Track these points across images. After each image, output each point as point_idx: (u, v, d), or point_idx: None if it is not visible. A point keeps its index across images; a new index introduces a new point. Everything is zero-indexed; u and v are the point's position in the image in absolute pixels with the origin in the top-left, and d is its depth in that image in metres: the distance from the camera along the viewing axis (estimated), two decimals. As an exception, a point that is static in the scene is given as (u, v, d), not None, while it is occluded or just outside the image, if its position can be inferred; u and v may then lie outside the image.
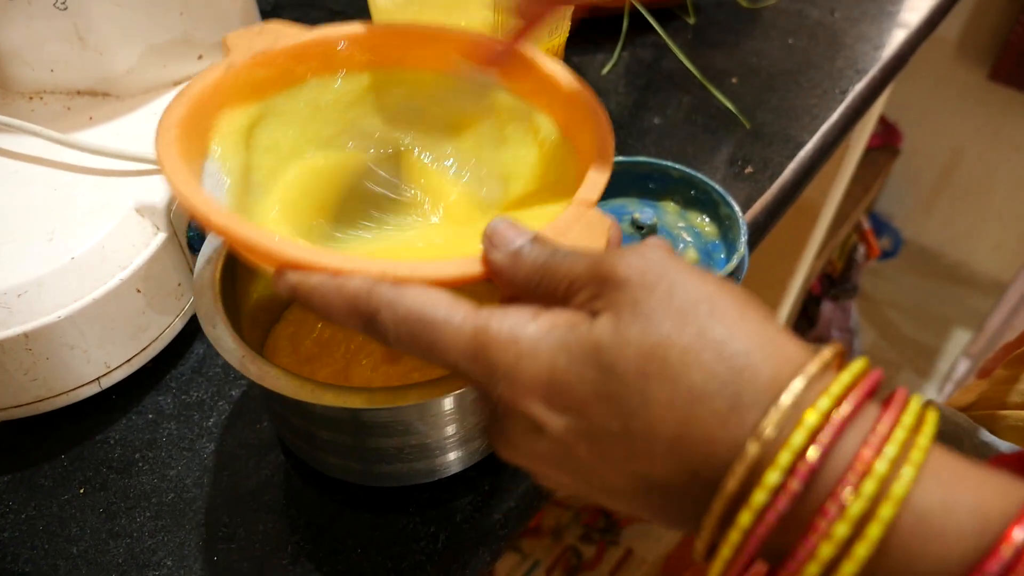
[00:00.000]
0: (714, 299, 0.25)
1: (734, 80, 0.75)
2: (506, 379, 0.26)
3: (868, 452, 0.22)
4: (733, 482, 0.22)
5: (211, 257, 0.40)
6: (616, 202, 0.57)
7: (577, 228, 0.32)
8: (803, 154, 0.67)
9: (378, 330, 0.28)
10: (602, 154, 0.37)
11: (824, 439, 0.22)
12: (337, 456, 0.43)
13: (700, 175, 0.54)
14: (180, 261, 0.50)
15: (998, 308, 1.63)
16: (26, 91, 0.55)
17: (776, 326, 0.25)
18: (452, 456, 0.43)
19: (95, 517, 0.44)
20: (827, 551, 0.21)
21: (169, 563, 0.42)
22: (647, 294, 0.25)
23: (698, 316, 0.24)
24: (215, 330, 0.37)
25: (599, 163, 0.37)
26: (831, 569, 0.21)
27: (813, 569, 0.21)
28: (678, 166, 0.55)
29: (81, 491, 0.45)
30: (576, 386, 0.25)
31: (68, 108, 0.55)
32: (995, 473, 0.22)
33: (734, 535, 0.23)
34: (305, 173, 0.42)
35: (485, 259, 0.30)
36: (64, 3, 0.51)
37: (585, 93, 0.40)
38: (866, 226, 1.76)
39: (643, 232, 0.52)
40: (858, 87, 0.74)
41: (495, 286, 0.30)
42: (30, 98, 0.55)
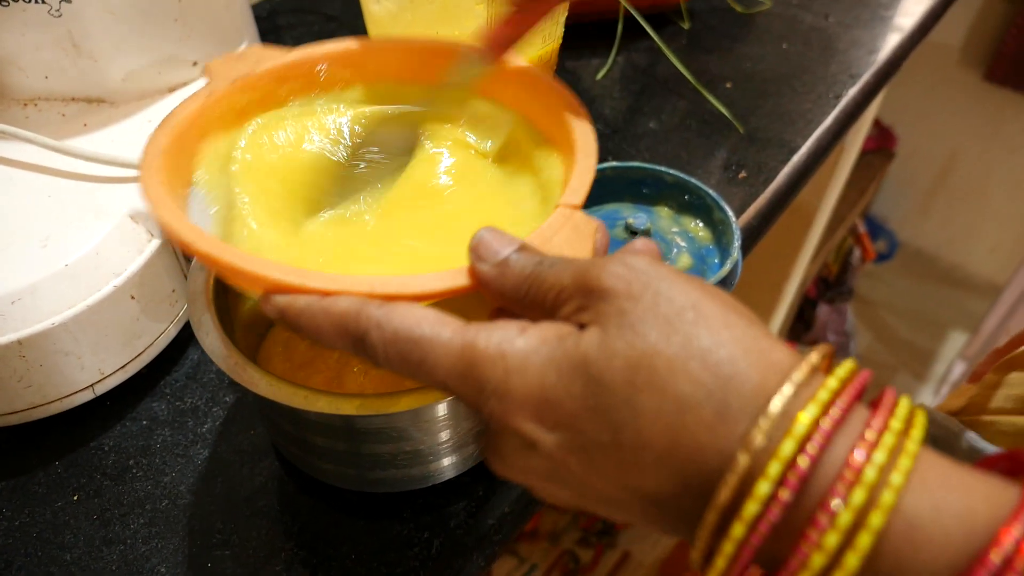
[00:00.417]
0: (699, 306, 0.25)
1: (728, 85, 0.75)
2: (496, 396, 0.26)
3: (857, 459, 0.22)
4: (725, 493, 0.23)
5: (204, 264, 0.40)
6: (610, 207, 0.57)
7: (563, 233, 0.32)
8: (797, 159, 0.68)
9: (367, 350, 0.28)
10: (585, 156, 0.37)
11: (813, 448, 0.22)
12: (331, 462, 0.43)
13: (694, 180, 0.54)
14: (174, 267, 0.50)
15: (994, 310, 1.63)
16: (21, 98, 0.55)
17: (762, 331, 0.25)
18: (446, 462, 0.43)
19: (89, 524, 0.44)
20: (819, 561, 0.21)
21: (163, 570, 0.42)
22: (632, 304, 0.25)
23: (684, 324, 0.24)
24: (208, 337, 0.37)
25: (583, 166, 0.37)
26: None
27: None
28: (672, 171, 0.55)
29: (75, 498, 0.45)
30: (566, 401, 0.25)
31: (63, 115, 0.55)
32: (982, 477, 0.22)
33: (728, 546, 0.23)
34: (285, 170, 0.42)
35: (472, 270, 0.30)
36: (59, 10, 0.51)
37: (565, 94, 0.40)
38: (862, 229, 1.76)
39: (636, 237, 0.52)
40: (852, 91, 0.75)
41: (483, 297, 0.30)
42: (24, 105, 0.55)
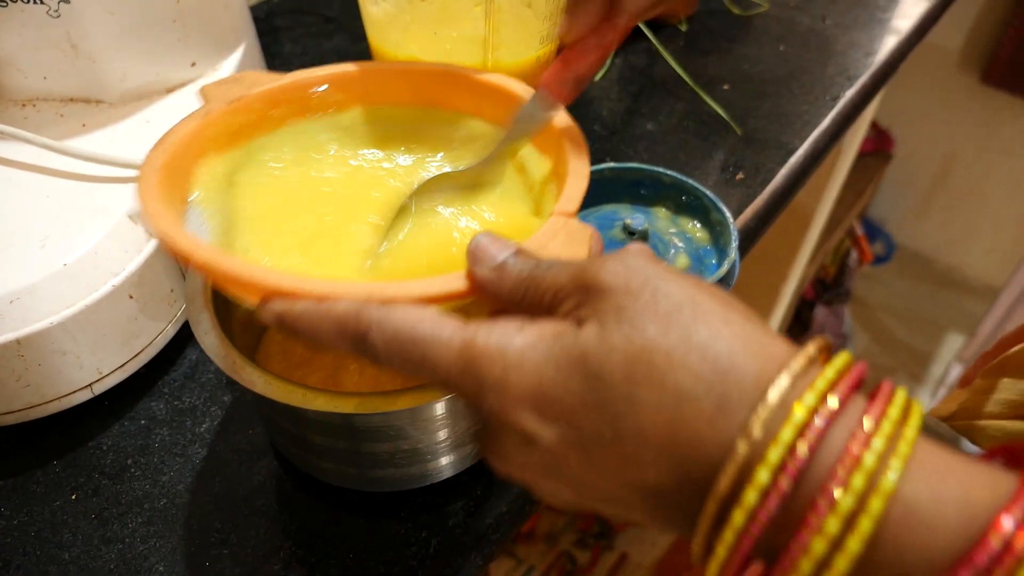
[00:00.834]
0: (697, 302, 0.25)
1: (726, 87, 0.75)
2: (494, 392, 0.26)
3: (856, 446, 0.22)
4: (725, 482, 0.23)
5: (202, 273, 0.40)
6: (608, 208, 0.57)
7: (559, 239, 0.33)
8: (794, 160, 0.68)
9: (368, 350, 0.29)
10: (578, 164, 0.38)
11: (812, 435, 0.22)
12: (329, 461, 0.43)
13: (691, 181, 0.54)
14: (172, 267, 0.50)
15: (991, 313, 1.63)
16: (19, 98, 0.56)
17: (760, 325, 0.25)
18: (444, 461, 0.43)
19: (87, 523, 0.44)
20: (820, 546, 0.21)
21: (161, 569, 0.42)
22: (631, 300, 0.25)
23: (682, 319, 0.25)
24: (207, 336, 0.37)
25: (575, 174, 0.37)
26: (824, 563, 0.22)
27: (806, 564, 0.22)
28: (670, 172, 0.55)
29: (73, 497, 0.45)
30: (564, 396, 0.25)
31: (61, 115, 0.55)
32: (981, 465, 0.22)
33: (728, 534, 0.23)
34: (280, 201, 0.43)
35: (470, 275, 0.30)
36: (57, 11, 0.51)
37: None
38: (859, 231, 1.76)
39: (634, 238, 0.52)
40: (849, 93, 0.75)
41: (481, 301, 0.31)
42: (23, 105, 0.55)
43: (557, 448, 0.26)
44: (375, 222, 0.42)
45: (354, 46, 0.81)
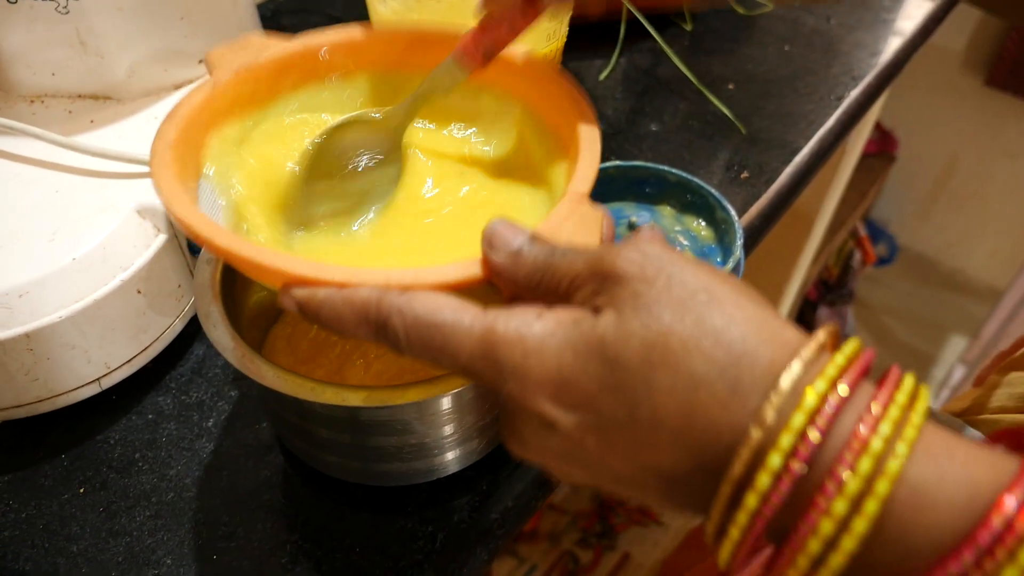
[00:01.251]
0: (711, 288, 0.26)
1: (730, 86, 0.76)
2: (514, 377, 0.27)
3: (864, 430, 0.22)
4: (739, 466, 0.23)
5: (211, 258, 0.41)
6: (613, 206, 0.57)
7: (571, 222, 0.33)
8: (799, 160, 0.68)
9: (389, 337, 0.29)
10: (589, 145, 0.37)
11: (822, 420, 0.23)
12: (336, 455, 0.43)
13: (696, 180, 0.55)
14: (180, 263, 0.50)
15: (994, 315, 1.63)
16: (28, 94, 0.56)
17: (772, 312, 0.26)
18: (450, 456, 0.43)
19: (95, 516, 0.44)
20: (827, 527, 0.22)
21: (169, 562, 0.42)
22: (647, 287, 0.26)
23: (696, 305, 0.25)
24: (216, 330, 0.38)
25: (587, 154, 0.37)
26: (831, 544, 0.22)
27: (814, 545, 0.22)
28: (675, 170, 0.55)
29: (81, 490, 0.46)
30: (583, 381, 0.26)
31: (70, 111, 0.55)
32: (985, 448, 0.23)
33: (742, 517, 0.23)
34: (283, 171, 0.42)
35: (485, 261, 0.31)
36: (66, 7, 0.51)
37: (566, 85, 0.41)
38: (862, 232, 1.77)
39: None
40: (854, 93, 0.75)
41: (497, 287, 0.31)
42: (32, 101, 0.56)
43: (575, 433, 0.26)
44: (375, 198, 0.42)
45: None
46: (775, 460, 0.23)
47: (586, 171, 0.36)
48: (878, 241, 1.98)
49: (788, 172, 0.67)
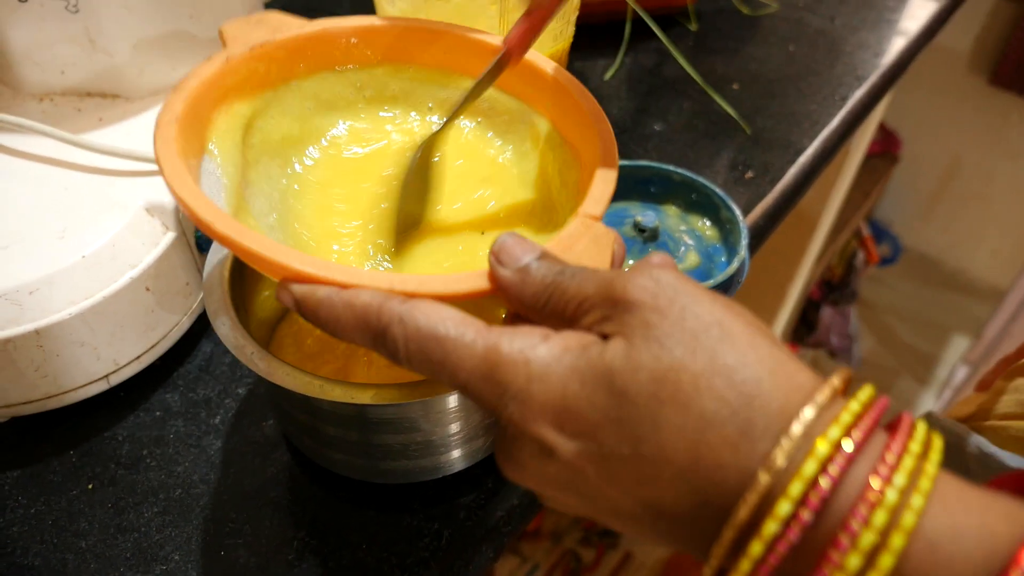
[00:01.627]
0: (725, 324, 0.25)
1: (735, 86, 0.76)
2: (516, 401, 0.26)
3: (878, 481, 0.22)
4: (744, 511, 0.23)
5: (220, 256, 0.41)
6: (618, 205, 0.57)
7: (583, 242, 0.32)
8: (803, 159, 0.68)
9: (387, 346, 0.28)
10: (606, 166, 0.37)
11: (835, 469, 0.22)
12: (342, 452, 0.43)
13: (701, 179, 0.55)
14: (188, 260, 0.51)
15: (996, 315, 1.64)
16: (37, 92, 0.56)
17: (786, 352, 0.25)
18: (456, 454, 0.43)
19: (103, 512, 0.45)
20: None
21: (176, 557, 0.43)
22: (659, 318, 0.25)
23: (710, 341, 0.24)
24: (225, 327, 0.38)
25: (603, 175, 0.36)
26: None
27: None
28: (679, 170, 0.56)
29: (89, 487, 0.46)
30: (587, 411, 0.25)
31: (78, 109, 0.56)
32: (999, 497, 0.22)
33: (745, 564, 0.23)
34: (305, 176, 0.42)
35: (492, 275, 0.30)
36: (75, 6, 0.52)
37: (590, 102, 0.40)
38: (865, 232, 1.77)
39: (644, 235, 0.53)
40: (858, 94, 0.75)
41: (502, 302, 0.30)
42: (41, 99, 0.56)
43: (576, 462, 0.25)
44: (388, 179, 0.41)
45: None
46: (784, 507, 0.22)
47: (601, 192, 0.35)
48: (881, 241, 1.98)
49: (792, 172, 0.67)
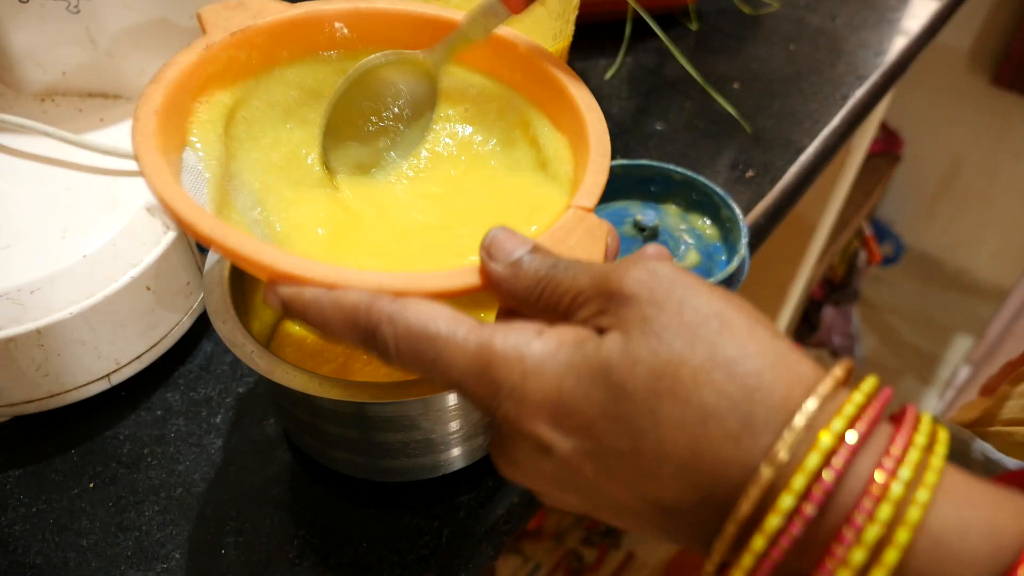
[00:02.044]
0: (724, 316, 0.24)
1: (736, 85, 0.76)
2: (511, 398, 0.25)
3: (883, 475, 0.21)
4: (746, 505, 0.22)
5: (221, 256, 0.41)
6: (618, 204, 0.57)
7: (576, 234, 0.32)
8: (804, 159, 0.68)
9: (378, 346, 0.28)
10: (599, 158, 0.36)
11: (838, 462, 0.22)
12: (343, 451, 0.44)
13: (702, 178, 0.55)
14: (189, 260, 0.51)
15: (999, 315, 1.63)
16: (38, 93, 0.56)
17: (787, 344, 0.25)
18: (456, 452, 0.44)
19: (104, 511, 0.45)
20: None
21: (177, 556, 0.43)
22: (656, 311, 0.25)
23: (709, 333, 0.24)
24: (225, 326, 0.38)
25: (596, 166, 0.36)
26: None
27: None
28: (680, 169, 0.56)
29: (91, 485, 0.46)
30: (584, 407, 0.24)
31: (80, 110, 0.56)
32: (1007, 493, 0.22)
33: (747, 559, 0.22)
34: (283, 139, 0.41)
35: (483, 270, 0.29)
36: (76, 7, 0.52)
37: (581, 90, 0.40)
38: (867, 232, 1.76)
39: (645, 234, 0.53)
40: (859, 93, 0.75)
41: (494, 298, 0.30)
42: (42, 99, 0.56)
43: (574, 459, 0.25)
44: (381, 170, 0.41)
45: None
46: (786, 501, 0.22)
47: (594, 184, 0.35)
48: (883, 241, 1.98)
49: (793, 171, 0.67)
